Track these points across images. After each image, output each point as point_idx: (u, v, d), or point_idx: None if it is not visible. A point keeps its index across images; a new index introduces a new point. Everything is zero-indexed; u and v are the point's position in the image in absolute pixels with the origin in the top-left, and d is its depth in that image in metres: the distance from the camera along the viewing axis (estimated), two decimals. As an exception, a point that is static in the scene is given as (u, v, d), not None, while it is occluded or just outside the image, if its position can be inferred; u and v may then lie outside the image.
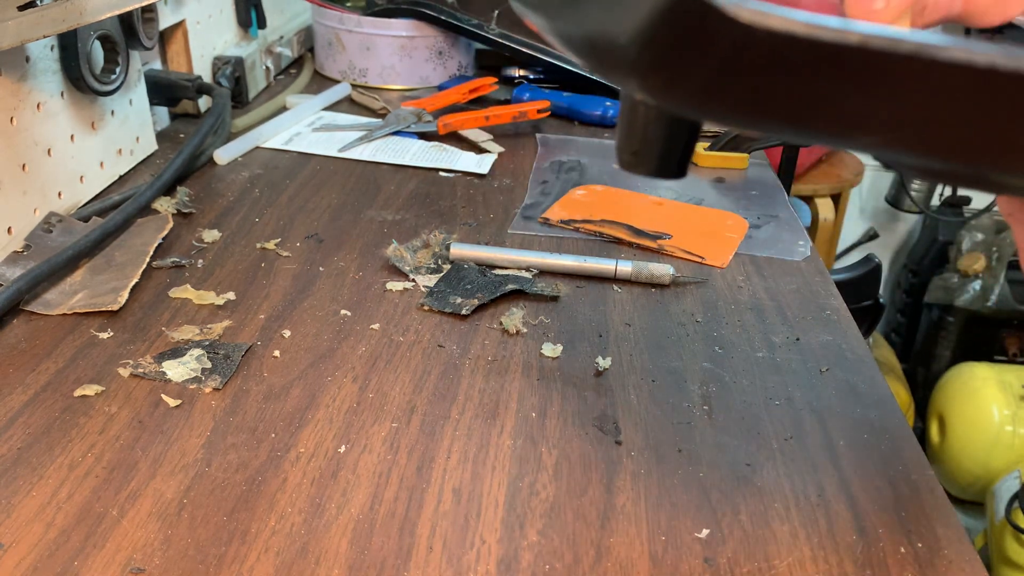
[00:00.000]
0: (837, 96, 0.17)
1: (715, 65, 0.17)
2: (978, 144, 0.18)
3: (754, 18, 0.16)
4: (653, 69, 0.18)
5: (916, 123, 0.18)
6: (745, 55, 0.17)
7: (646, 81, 0.19)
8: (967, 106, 0.17)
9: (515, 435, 0.42)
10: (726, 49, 0.17)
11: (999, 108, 0.17)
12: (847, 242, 1.98)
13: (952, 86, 0.17)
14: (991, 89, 0.17)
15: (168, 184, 0.63)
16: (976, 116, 0.17)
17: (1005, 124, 0.18)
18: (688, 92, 0.18)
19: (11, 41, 0.48)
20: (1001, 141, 0.18)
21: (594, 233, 0.63)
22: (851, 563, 0.35)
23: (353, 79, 0.95)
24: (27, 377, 0.44)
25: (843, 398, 0.46)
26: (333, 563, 0.34)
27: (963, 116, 0.17)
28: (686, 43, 0.17)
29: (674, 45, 0.17)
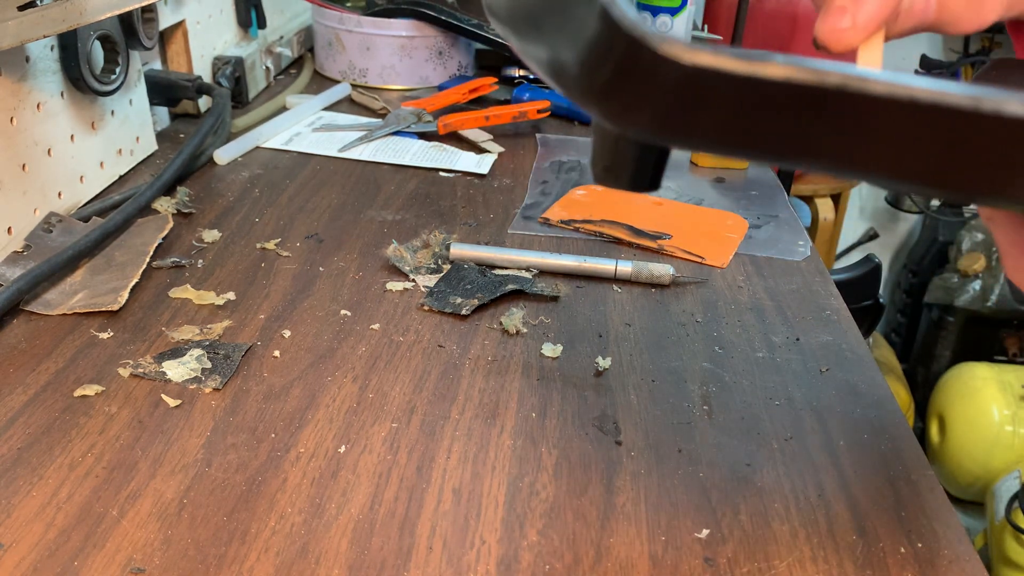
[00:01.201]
0: (779, 127, 0.18)
1: (660, 97, 0.18)
2: (922, 169, 0.19)
3: (681, 54, 0.17)
4: (605, 98, 0.19)
5: (857, 152, 0.19)
6: (684, 88, 0.18)
7: (602, 109, 0.20)
8: (902, 136, 0.18)
9: (515, 435, 0.42)
10: (665, 83, 0.18)
11: (927, 137, 0.18)
12: (847, 242, 1.98)
13: (884, 118, 0.18)
14: (924, 119, 0.18)
15: (168, 184, 0.63)
16: (907, 144, 0.18)
17: (936, 152, 0.18)
18: (642, 122, 0.19)
19: (11, 41, 0.48)
20: (942, 169, 0.19)
21: (594, 233, 0.63)
22: (851, 563, 0.35)
23: (353, 79, 0.95)
24: (27, 377, 0.44)
25: (843, 398, 0.46)
26: (333, 563, 0.34)
27: (901, 144, 0.18)
28: (626, 76, 0.18)
29: (616, 77, 0.19)
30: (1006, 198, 0.19)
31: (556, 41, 0.20)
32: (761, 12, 1.45)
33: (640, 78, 0.18)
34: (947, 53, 1.81)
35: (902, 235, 2.00)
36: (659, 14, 1.07)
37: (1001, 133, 0.18)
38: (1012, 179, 0.18)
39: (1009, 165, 0.18)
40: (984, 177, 0.18)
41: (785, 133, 0.19)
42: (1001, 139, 0.18)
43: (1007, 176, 0.18)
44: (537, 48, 0.21)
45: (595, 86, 0.19)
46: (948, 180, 0.19)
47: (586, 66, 0.19)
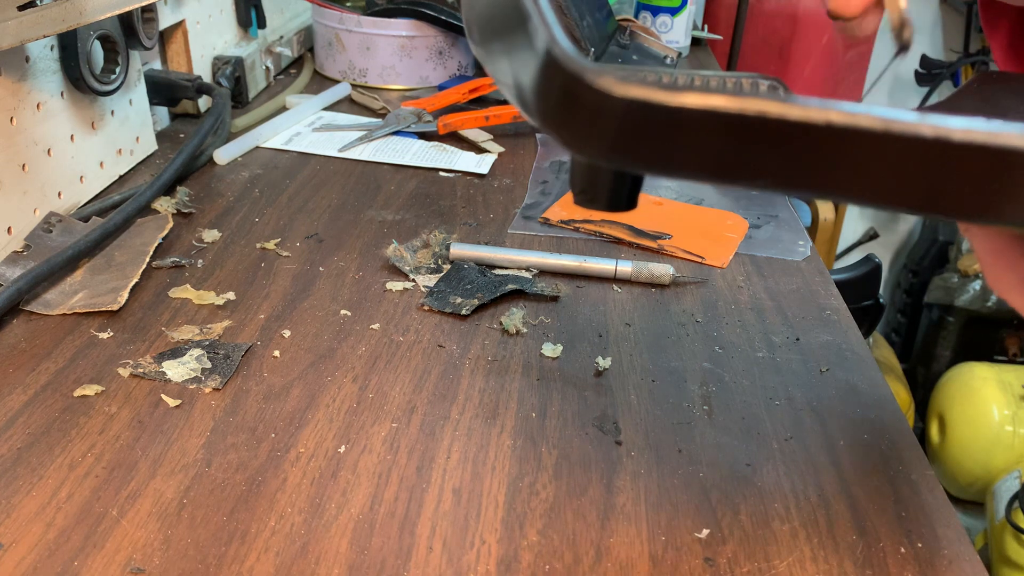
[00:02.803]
0: (714, 151, 0.19)
1: (603, 126, 0.19)
2: (857, 189, 0.20)
3: (613, 87, 0.19)
4: (557, 127, 0.20)
5: (794, 174, 0.20)
6: (623, 118, 0.19)
7: (557, 136, 0.21)
8: (832, 157, 0.19)
9: (515, 435, 0.42)
10: (605, 113, 0.19)
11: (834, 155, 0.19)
12: (847, 242, 1.98)
13: (808, 142, 0.19)
14: (842, 142, 0.19)
15: (168, 184, 0.63)
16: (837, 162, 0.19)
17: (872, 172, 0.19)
18: (593, 149, 0.20)
19: (11, 41, 0.48)
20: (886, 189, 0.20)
21: (594, 233, 0.63)
22: (851, 563, 0.35)
23: (353, 79, 0.95)
24: (27, 377, 0.44)
25: (843, 398, 0.46)
26: (333, 563, 0.34)
27: (831, 165, 0.19)
28: (570, 107, 0.20)
29: (562, 108, 0.20)
30: (941, 213, 0.20)
31: (517, 71, 0.21)
32: (761, 12, 1.45)
33: (583, 109, 0.19)
34: (947, 53, 1.81)
35: (902, 235, 2.00)
36: (659, 14, 1.07)
37: (914, 154, 0.19)
38: (936, 198, 0.19)
39: (917, 184, 0.19)
40: (901, 193, 0.19)
41: (722, 157, 0.19)
42: (917, 160, 0.19)
43: (930, 194, 0.19)
44: (503, 75, 0.23)
45: (547, 115, 0.20)
46: (881, 198, 0.20)
47: (538, 96, 0.20)
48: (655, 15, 1.06)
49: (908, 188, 0.19)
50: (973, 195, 0.19)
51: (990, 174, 0.18)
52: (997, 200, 0.19)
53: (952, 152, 0.18)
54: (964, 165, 0.18)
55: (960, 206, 0.19)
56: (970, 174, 0.19)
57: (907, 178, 0.19)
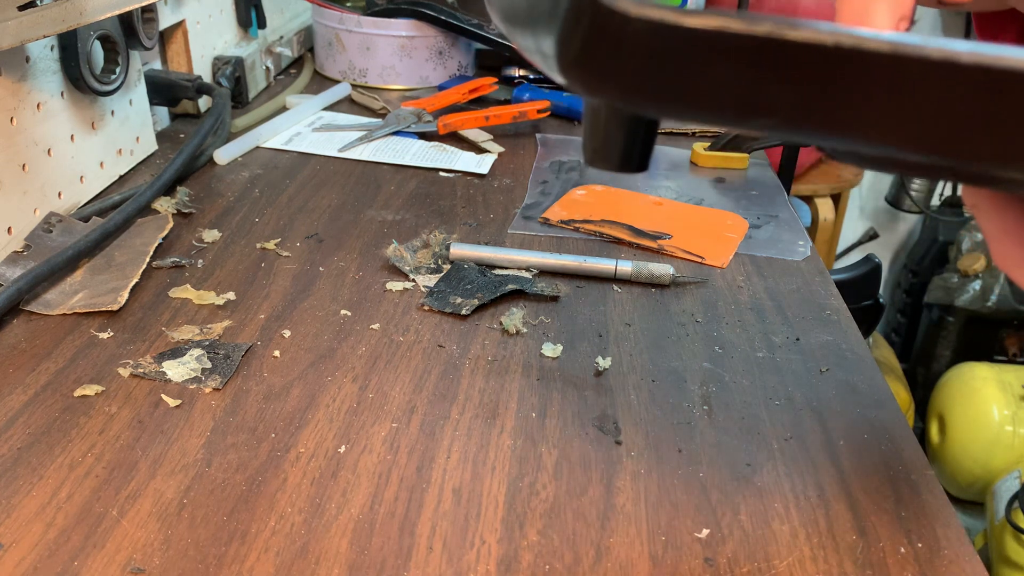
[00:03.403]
0: (727, 81, 0.19)
1: (623, 56, 0.19)
2: (866, 125, 0.19)
3: (629, 8, 0.19)
4: (579, 67, 0.20)
5: (810, 108, 0.19)
6: (642, 44, 0.19)
7: (579, 79, 0.21)
8: (841, 87, 0.19)
9: (515, 435, 0.42)
10: (624, 39, 0.19)
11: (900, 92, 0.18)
12: (847, 242, 1.98)
13: (818, 67, 0.18)
14: (885, 72, 0.18)
15: (168, 184, 0.63)
16: (887, 100, 0.19)
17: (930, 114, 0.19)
18: (617, 85, 0.20)
19: (11, 41, 0.48)
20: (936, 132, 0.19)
21: (594, 233, 0.63)
22: (851, 563, 0.35)
23: (353, 79, 0.95)
24: (27, 377, 0.44)
25: (843, 398, 0.46)
26: (333, 563, 0.34)
27: (842, 95, 0.19)
28: (591, 39, 0.19)
29: (584, 43, 0.20)
30: (955, 156, 0.19)
31: (541, 27, 0.21)
32: (761, 12, 1.45)
33: (602, 38, 0.19)
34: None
35: (902, 235, 2.00)
36: (659, 14, 1.07)
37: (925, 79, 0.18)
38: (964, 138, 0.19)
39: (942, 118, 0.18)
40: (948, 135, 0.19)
41: (733, 88, 0.19)
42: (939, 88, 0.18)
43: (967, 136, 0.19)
44: (527, 38, 0.23)
45: (570, 57, 0.20)
46: (891, 135, 0.19)
47: (562, 40, 0.20)
48: (655, 15, 1.06)
49: (920, 122, 0.18)
50: (992, 131, 0.18)
51: (1006, 102, 0.18)
52: (1015, 139, 0.18)
53: (962, 76, 0.18)
54: (977, 92, 0.18)
55: (976, 146, 0.19)
56: (985, 103, 0.18)
57: (918, 110, 0.18)
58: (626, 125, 0.24)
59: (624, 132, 0.24)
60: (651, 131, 0.24)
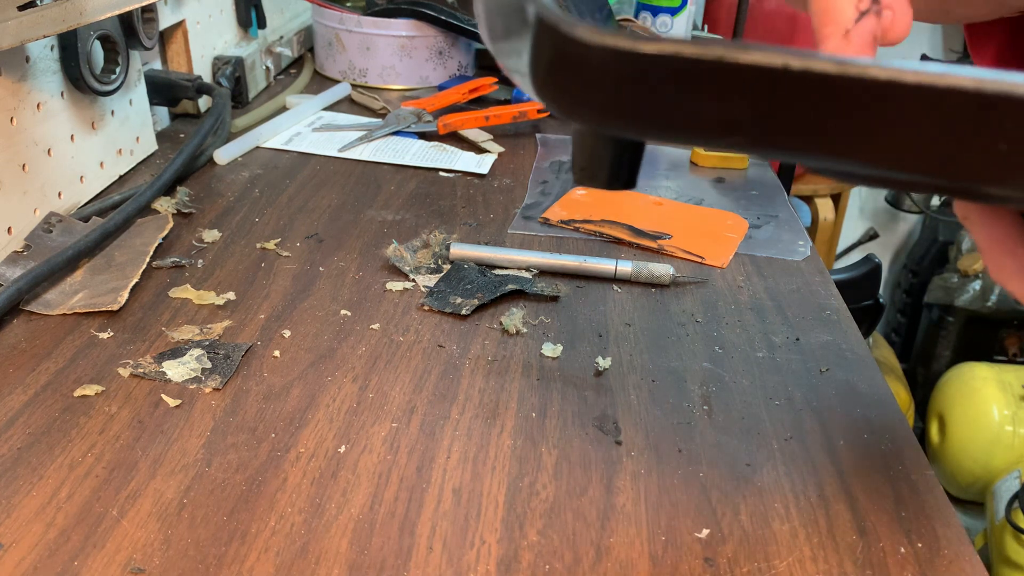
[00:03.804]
0: (694, 104, 0.20)
1: (589, 80, 0.20)
2: (816, 141, 0.20)
3: (588, 36, 0.19)
4: (552, 92, 0.21)
5: (768, 128, 0.20)
6: (605, 70, 0.20)
7: (554, 104, 0.21)
8: (790, 107, 0.19)
9: (515, 435, 0.42)
10: (588, 66, 0.20)
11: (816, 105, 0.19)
12: (847, 242, 1.98)
13: (763, 89, 0.19)
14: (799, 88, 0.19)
15: (168, 184, 0.63)
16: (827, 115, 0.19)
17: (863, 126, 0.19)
18: (587, 110, 0.21)
19: (11, 41, 0.48)
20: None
21: (594, 233, 0.63)
22: (851, 563, 0.35)
23: (353, 79, 0.95)
24: (27, 377, 0.44)
25: (843, 398, 0.46)
26: (333, 563, 0.34)
27: (794, 115, 0.19)
28: (558, 66, 0.20)
29: (552, 69, 0.20)
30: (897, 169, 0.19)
31: (516, 50, 0.22)
32: (761, 12, 1.45)
33: (567, 65, 0.20)
34: (947, 53, 1.81)
35: (902, 235, 2.00)
36: (659, 14, 1.07)
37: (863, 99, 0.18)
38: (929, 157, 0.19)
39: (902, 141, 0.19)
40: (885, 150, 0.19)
41: (692, 110, 0.20)
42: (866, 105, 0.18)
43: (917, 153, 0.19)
44: (508, 59, 0.24)
45: (541, 81, 0.21)
46: (859, 154, 0.19)
47: (533, 65, 0.21)
48: (655, 15, 1.06)
49: (874, 138, 0.19)
50: (935, 149, 0.18)
51: (936, 118, 0.18)
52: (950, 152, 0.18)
53: (899, 94, 0.18)
54: (917, 112, 0.18)
55: (921, 161, 0.19)
56: (926, 121, 0.18)
57: (870, 127, 0.19)
58: (612, 145, 0.24)
59: (610, 152, 0.24)
60: (637, 150, 0.25)
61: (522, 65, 0.22)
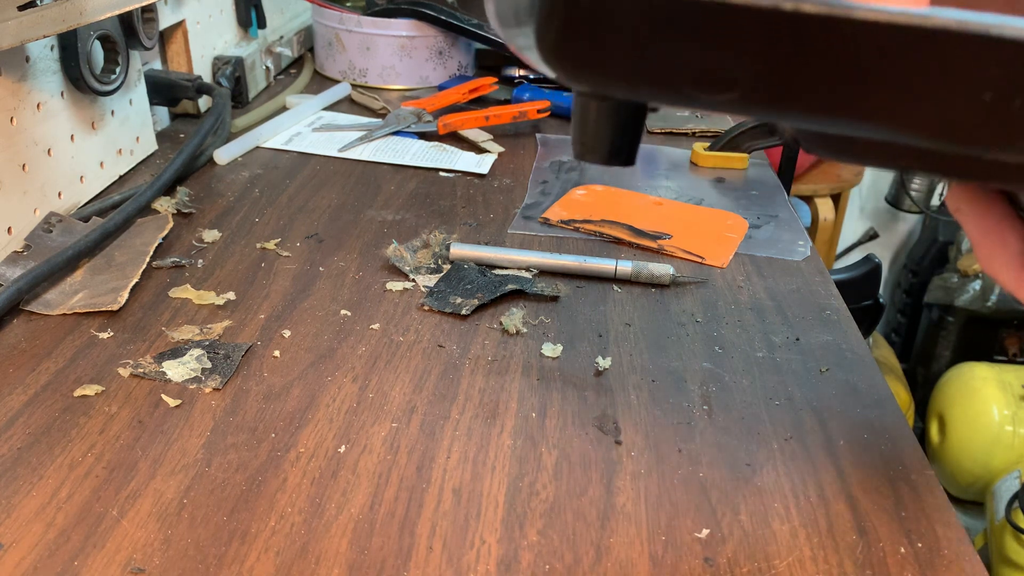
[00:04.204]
0: (698, 52, 0.19)
1: (599, 34, 0.20)
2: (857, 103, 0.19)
3: None
4: (558, 52, 0.21)
5: (769, 78, 0.19)
6: (613, 19, 0.20)
7: (560, 64, 0.21)
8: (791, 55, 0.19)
9: (515, 435, 0.42)
10: (595, 15, 0.20)
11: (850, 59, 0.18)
12: (847, 242, 1.98)
13: (758, 34, 0.18)
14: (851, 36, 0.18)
15: (168, 184, 0.63)
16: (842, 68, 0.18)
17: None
18: (597, 66, 0.21)
19: (11, 41, 0.48)
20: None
21: (594, 233, 0.63)
22: (851, 563, 0.35)
23: (353, 79, 0.95)
24: (27, 377, 0.44)
25: (843, 398, 0.46)
26: (333, 563, 0.34)
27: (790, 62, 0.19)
28: (565, 19, 0.20)
29: (556, 28, 0.20)
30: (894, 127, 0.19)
31: (524, 19, 0.22)
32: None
33: (571, 17, 0.20)
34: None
35: (902, 235, 2.00)
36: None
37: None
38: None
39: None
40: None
41: (692, 57, 0.19)
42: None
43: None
44: (516, 34, 0.24)
45: (547, 43, 0.21)
46: (851, 108, 0.19)
47: (538, 26, 0.21)
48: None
49: (859, 92, 0.18)
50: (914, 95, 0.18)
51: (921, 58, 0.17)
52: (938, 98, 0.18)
53: (886, 37, 0.17)
54: (891, 54, 0.18)
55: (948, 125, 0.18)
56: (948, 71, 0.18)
57: (854, 77, 0.18)
58: (613, 118, 0.24)
59: (611, 126, 0.24)
60: (638, 125, 0.25)
61: (529, 34, 0.22)
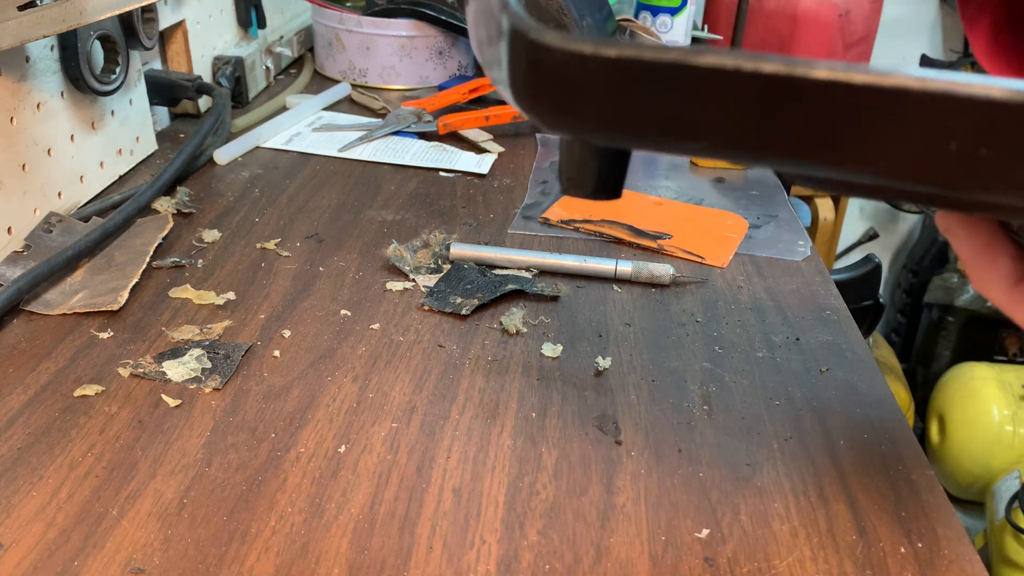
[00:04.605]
0: (665, 109, 0.20)
1: (570, 90, 0.20)
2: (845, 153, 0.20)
3: (553, 41, 0.20)
4: (528, 99, 0.21)
5: (722, 130, 0.20)
6: (576, 76, 0.20)
7: (532, 111, 0.22)
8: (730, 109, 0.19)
9: (515, 435, 0.42)
10: (565, 73, 0.20)
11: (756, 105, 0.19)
12: (847, 242, 1.98)
13: (714, 91, 0.19)
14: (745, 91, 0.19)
15: (168, 184, 0.63)
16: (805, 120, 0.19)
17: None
18: (569, 119, 0.21)
19: (11, 41, 0.48)
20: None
21: (594, 233, 0.63)
22: (851, 563, 0.35)
23: (353, 79, 0.95)
24: (27, 377, 0.44)
25: (843, 398, 0.46)
26: (333, 563, 0.34)
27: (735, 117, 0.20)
28: (531, 73, 0.21)
29: (527, 77, 0.21)
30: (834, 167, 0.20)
31: (498, 63, 0.23)
32: (761, 12, 1.44)
33: (538, 71, 0.20)
34: (947, 53, 1.81)
35: (902, 235, 2.00)
36: (659, 14, 1.07)
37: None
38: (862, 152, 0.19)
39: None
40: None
41: (659, 113, 0.20)
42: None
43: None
44: (494, 71, 0.24)
45: (519, 91, 0.21)
46: (819, 156, 0.20)
47: (511, 75, 0.21)
48: (655, 15, 1.06)
49: (826, 143, 0.19)
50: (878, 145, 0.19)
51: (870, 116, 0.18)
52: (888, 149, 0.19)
53: (846, 95, 0.18)
54: (852, 110, 0.18)
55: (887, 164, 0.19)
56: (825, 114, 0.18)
57: (821, 131, 0.19)
58: (598, 155, 0.25)
59: (596, 161, 0.25)
60: (622, 161, 0.25)
61: (503, 75, 0.22)
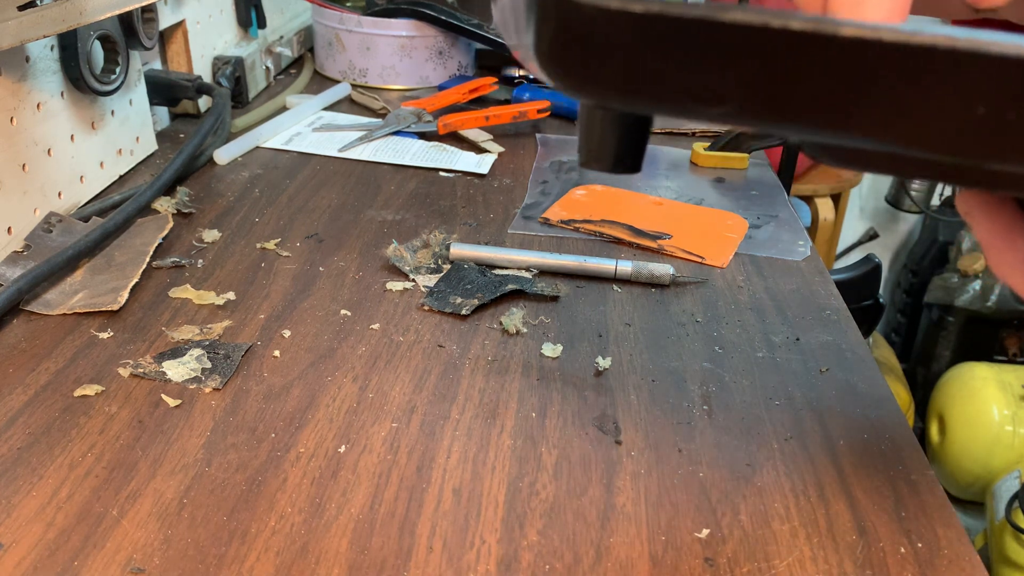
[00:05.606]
0: (689, 68, 0.20)
1: (595, 50, 0.20)
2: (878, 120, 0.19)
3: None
4: (555, 63, 0.21)
5: (755, 94, 0.19)
6: (602, 34, 0.20)
7: (558, 75, 0.21)
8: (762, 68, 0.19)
9: (515, 435, 0.42)
10: (590, 31, 0.20)
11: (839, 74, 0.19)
12: (847, 242, 1.98)
13: (739, 50, 0.19)
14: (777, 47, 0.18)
15: (168, 184, 0.63)
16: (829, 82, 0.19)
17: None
18: (594, 81, 0.21)
19: (11, 41, 0.48)
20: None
21: (594, 233, 0.63)
22: (851, 563, 0.35)
23: (353, 79, 0.95)
24: (27, 377, 0.44)
25: (843, 398, 0.46)
26: (333, 563, 0.34)
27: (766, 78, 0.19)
28: (559, 33, 0.20)
29: (554, 36, 0.20)
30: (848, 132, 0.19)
31: (524, 28, 0.22)
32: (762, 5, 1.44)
33: (567, 32, 0.20)
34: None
35: (902, 235, 2.00)
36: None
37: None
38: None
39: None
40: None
41: (683, 74, 0.19)
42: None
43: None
44: (519, 48, 0.24)
45: (545, 54, 0.21)
46: (843, 122, 0.19)
47: (536, 37, 0.21)
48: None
49: (851, 107, 0.19)
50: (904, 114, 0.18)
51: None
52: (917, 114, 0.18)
53: (874, 54, 0.18)
54: (879, 70, 0.18)
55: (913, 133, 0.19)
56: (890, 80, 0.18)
57: (845, 93, 0.18)
58: (618, 127, 0.24)
59: (616, 134, 0.25)
60: (643, 133, 0.25)
61: (528, 39, 0.22)
